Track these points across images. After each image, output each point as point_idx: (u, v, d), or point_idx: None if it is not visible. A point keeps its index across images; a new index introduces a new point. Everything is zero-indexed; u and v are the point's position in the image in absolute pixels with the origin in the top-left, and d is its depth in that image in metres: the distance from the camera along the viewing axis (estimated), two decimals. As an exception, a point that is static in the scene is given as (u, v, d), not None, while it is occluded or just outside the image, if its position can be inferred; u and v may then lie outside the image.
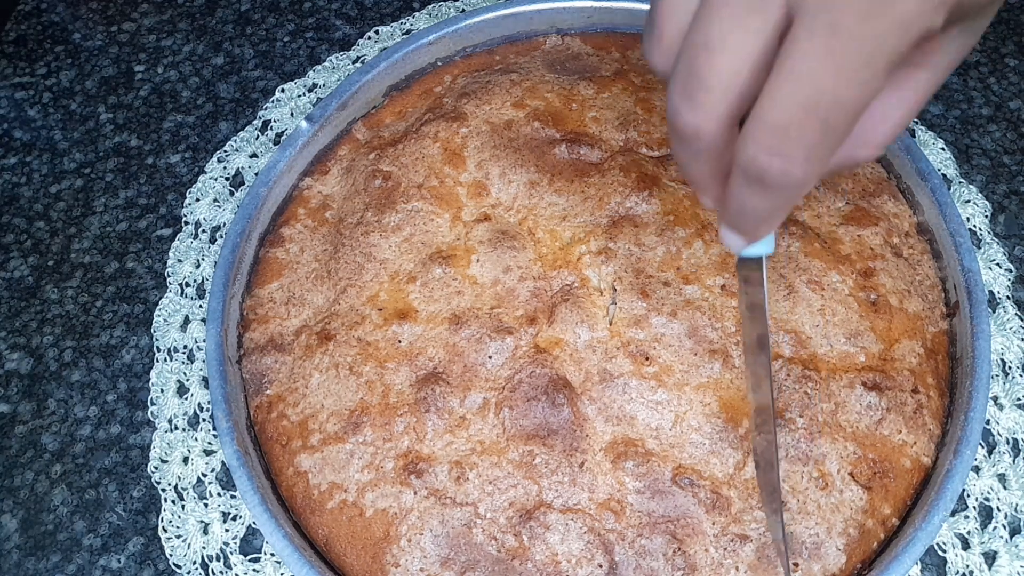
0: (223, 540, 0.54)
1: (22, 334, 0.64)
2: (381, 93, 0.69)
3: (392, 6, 0.80)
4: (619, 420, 0.51)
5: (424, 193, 0.60)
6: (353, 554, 0.50)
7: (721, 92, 0.30)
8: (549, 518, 0.49)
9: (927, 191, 0.59)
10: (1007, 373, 0.58)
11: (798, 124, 0.29)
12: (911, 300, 0.56)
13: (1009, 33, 0.75)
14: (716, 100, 0.30)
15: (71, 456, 0.59)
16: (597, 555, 0.48)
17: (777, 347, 0.53)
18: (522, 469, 0.50)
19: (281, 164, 0.63)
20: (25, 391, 0.61)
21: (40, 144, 0.73)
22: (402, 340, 0.55)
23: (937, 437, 0.53)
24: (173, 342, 0.62)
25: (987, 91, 0.72)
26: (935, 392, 0.54)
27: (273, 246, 0.62)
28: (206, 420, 0.58)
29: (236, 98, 0.75)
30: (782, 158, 0.30)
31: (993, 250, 0.63)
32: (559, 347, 0.53)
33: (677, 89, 0.31)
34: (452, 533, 0.49)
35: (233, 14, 0.80)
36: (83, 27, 0.80)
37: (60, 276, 0.66)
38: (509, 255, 0.56)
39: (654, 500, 0.49)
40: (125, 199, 0.69)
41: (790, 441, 0.50)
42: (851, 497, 0.50)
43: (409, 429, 0.52)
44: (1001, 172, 0.67)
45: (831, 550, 0.48)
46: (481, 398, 0.52)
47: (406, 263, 0.58)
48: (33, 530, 0.56)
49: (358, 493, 0.51)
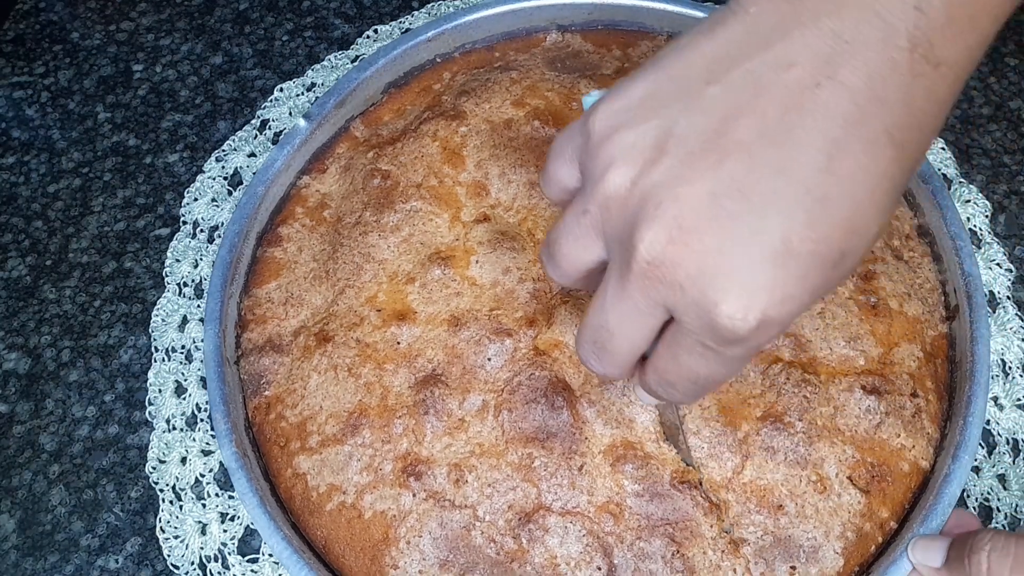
0: (221, 541, 0.54)
1: (20, 334, 0.64)
2: (380, 90, 0.69)
3: (391, 5, 0.79)
4: (618, 423, 0.51)
5: (423, 193, 0.60)
6: (352, 556, 0.50)
7: (621, 359, 0.38)
8: (548, 521, 0.49)
9: (928, 193, 0.59)
10: (1007, 373, 0.58)
11: (681, 385, 0.38)
12: (911, 303, 0.56)
13: (1009, 33, 0.75)
14: (619, 363, 0.38)
15: (69, 456, 0.59)
16: (596, 558, 0.48)
17: (777, 350, 0.53)
18: (521, 472, 0.50)
19: (279, 163, 0.63)
20: (23, 391, 0.61)
21: (38, 143, 0.73)
22: (401, 341, 0.55)
23: (935, 441, 0.53)
24: (171, 342, 0.61)
25: (987, 91, 0.72)
26: (934, 396, 0.53)
27: (271, 245, 0.62)
28: (204, 420, 0.58)
29: (234, 97, 0.75)
30: (673, 395, 0.39)
31: (993, 250, 0.63)
32: (558, 349, 0.53)
33: (586, 350, 0.39)
34: (451, 535, 0.49)
35: (231, 13, 0.80)
36: (81, 26, 0.80)
37: (58, 276, 0.66)
38: (508, 256, 0.56)
39: (653, 503, 0.49)
40: (123, 199, 0.69)
41: (789, 445, 0.50)
42: (849, 501, 0.50)
43: (408, 431, 0.52)
44: (1001, 172, 0.67)
45: (828, 553, 0.48)
46: (480, 400, 0.52)
47: (405, 264, 0.58)
48: (31, 530, 0.56)
49: (357, 495, 0.51)
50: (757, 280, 0.31)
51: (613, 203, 0.34)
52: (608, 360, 0.38)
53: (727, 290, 0.31)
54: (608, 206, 0.34)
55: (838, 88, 0.30)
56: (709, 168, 0.31)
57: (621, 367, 0.39)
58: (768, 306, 0.31)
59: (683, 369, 0.36)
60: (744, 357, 0.35)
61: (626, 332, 0.36)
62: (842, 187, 0.31)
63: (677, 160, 0.32)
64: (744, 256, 0.31)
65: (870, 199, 0.31)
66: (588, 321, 0.38)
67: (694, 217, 0.31)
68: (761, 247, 0.31)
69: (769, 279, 0.31)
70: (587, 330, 0.38)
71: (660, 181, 0.32)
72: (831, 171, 0.30)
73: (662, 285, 0.33)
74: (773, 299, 0.31)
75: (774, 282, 0.31)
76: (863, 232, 0.32)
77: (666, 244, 0.32)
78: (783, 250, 0.31)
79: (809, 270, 0.31)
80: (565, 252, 0.38)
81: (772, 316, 0.32)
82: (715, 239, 0.31)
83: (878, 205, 0.31)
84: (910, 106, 0.31)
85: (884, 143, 0.31)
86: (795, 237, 0.31)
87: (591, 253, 0.37)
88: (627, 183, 0.33)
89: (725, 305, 0.31)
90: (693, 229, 0.31)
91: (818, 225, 0.31)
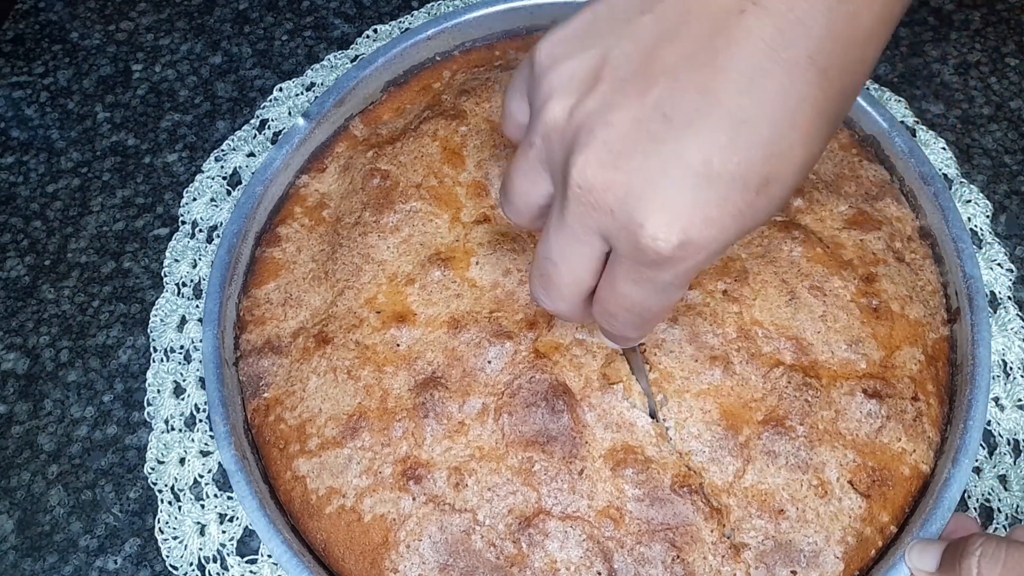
0: (220, 541, 0.54)
1: (18, 334, 0.63)
2: (379, 89, 0.68)
3: (391, 4, 0.79)
4: (619, 427, 0.51)
5: (423, 193, 0.60)
6: (351, 560, 0.50)
7: (567, 291, 0.39)
8: (548, 525, 0.49)
9: (929, 195, 0.59)
10: (1008, 374, 0.58)
11: (622, 317, 0.38)
12: (912, 306, 0.55)
13: (1009, 33, 0.75)
14: (564, 295, 0.39)
15: (67, 457, 0.59)
16: (596, 562, 0.48)
17: (778, 354, 0.53)
18: (521, 476, 0.50)
19: (278, 162, 0.62)
20: (21, 391, 0.61)
21: (37, 143, 0.72)
22: (400, 344, 0.54)
23: (936, 445, 0.53)
24: (170, 342, 0.61)
25: (988, 91, 0.72)
26: (935, 399, 0.53)
27: (270, 246, 0.61)
28: (203, 421, 0.58)
29: (234, 97, 0.74)
30: (619, 329, 0.40)
31: (994, 250, 0.63)
32: (559, 352, 0.53)
33: (535, 284, 0.40)
34: (451, 539, 0.49)
35: (231, 13, 0.80)
36: (81, 26, 0.79)
37: (57, 276, 0.66)
38: (509, 257, 0.56)
39: (653, 507, 0.49)
40: (122, 198, 0.69)
41: (790, 449, 0.50)
42: (850, 505, 0.49)
43: (407, 434, 0.52)
44: (1002, 172, 0.67)
45: (829, 558, 0.48)
46: (480, 403, 0.52)
47: (404, 265, 0.57)
48: (29, 531, 0.56)
49: (356, 498, 0.51)
50: (678, 200, 0.32)
51: (553, 133, 0.35)
52: (555, 293, 0.39)
53: (650, 211, 0.32)
54: (549, 136, 0.35)
55: (761, 13, 0.31)
56: (638, 94, 0.32)
57: (567, 301, 0.39)
58: (688, 226, 0.32)
59: (620, 298, 0.37)
60: (674, 285, 0.35)
61: (568, 262, 0.37)
62: (763, 109, 0.31)
63: (610, 87, 0.33)
64: (666, 178, 0.32)
65: (791, 123, 0.32)
66: (536, 254, 0.39)
67: (621, 141, 0.32)
68: (682, 168, 0.32)
69: (690, 200, 0.32)
70: (535, 264, 0.39)
71: (594, 109, 0.33)
72: (752, 94, 0.31)
73: (595, 211, 0.34)
74: (693, 219, 0.32)
75: (695, 203, 0.32)
76: (786, 157, 0.32)
77: (596, 168, 0.33)
78: (704, 171, 0.31)
79: (731, 192, 0.32)
80: (516, 188, 0.39)
81: (693, 237, 0.32)
82: (640, 162, 0.32)
83: (800, 130, 0.32)
84: (833, 32, 0.32)
85: (806, 67, 0.31)
86: (716, 158, 0.31)
87: (540, 187, 0.38)
88: (565, 113, 0.34)
89: (648, 225, 0.32)
90: (620, 153, 0.32)
91: (739, 147, 0.31)
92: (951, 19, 0.76)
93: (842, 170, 0.61)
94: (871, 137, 0.63)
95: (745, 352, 0.52)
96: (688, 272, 0.34)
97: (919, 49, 0.74)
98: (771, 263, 0.55)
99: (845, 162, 0.62)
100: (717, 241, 0.33)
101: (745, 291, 0.54)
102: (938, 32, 0.75)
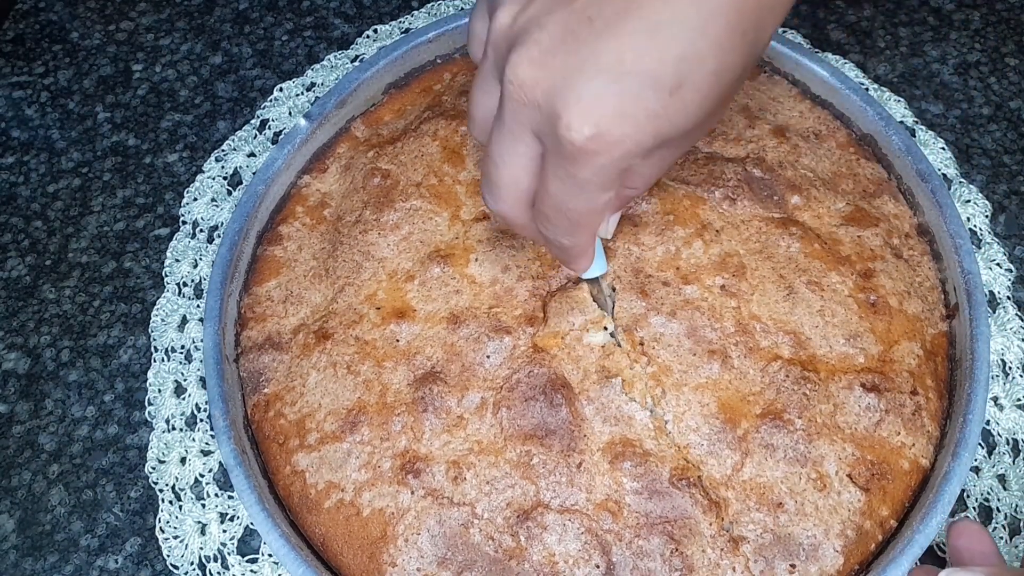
0: (221, 541, 0.54)
1: (19, 334, 0.64)
2: (380, 91, 0.69)
3: (391, 5, 0.79)
4: (617, 420, 0.51)
5: (423, 191, 0.60)
6: (350, 554, 0.50)
7: (508, 191, 0.41)
8: (546, 518, 0.49)
9: (927, 192, 0.59)
10: (1007, 373, 0.58)
11: (554, 219, 0.41)
12: (911, 301, 0.56)
13: (1009, 32, 0.75)
14: (506, 196, 0.41)
15: (68, 456, 0.59)
16: (594, 555, 0.48)
17: (776, 348, 0.53)
18: (520, 469, 0.50)
19: (279, 162, 0.63)
20: (22, 391, 0.61)
21: (38, 143, 0.73)
22: (400, 339, 0.55)
23: (936, 439, 0.52)
24: (170, 342, 0.61)
25: (987, 90, 0.72)
26: (934, 394, 0.53)
27: (271, 244, 0.62)
28: (203, 420, 0.58)
29: (234, 97, 0.75)
30: (553, 233, 0.42)
31: (993, 250, 0.63)
32: (558, 346, 0.53)
33: (483, 184, 0.42)
34: (449, 533, 0.49)
35: (231, 13, 0.80)
36: (81, 26, 0.80)
37: (57, 276, 0.66)
38: (508, 254, 0.56)
39: (652, 501, 0.49)
40: (123, 198, 0.69)
41: (788, 442, 0.50)
42: (849, 499, 0.49)
43: (406, 428, 0.52)
44: (1001, 172, 0.67)
45: (828, 552, 0.48)
46: (479, 398, 0.52)
47: (404, 262, 0.58)
48: (30, 530, 0.56)
49: (355, 492, 0.51)
50: (593, 94, 0.34)
51: (500, 40, 0.38)
52: (497, 193, 0.41)
53: (568, 103, 0.35)
54: (498, 44, 0.38)
55: None
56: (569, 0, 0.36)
57: (508, 202, 0.41)
58: (600, 119, 0.35)
59: (550, 197, 0.39)
60: (594, 183, 0.37)
61: (506, 161, 0.39)
62: (675, 14, 0.34)
63: None
64: (582, 74, 0.34)
65: (702, 30, 0.34)
66: (483, 157, 0.41)
67: (550, 41, 0.35)
68: (599, 66, 0.34)
69: (603, 93, 0.34)
70: (482, 166, 0.42)
71: (532, 14, 0.36)
72: (669, 3, 0.34)
73: (525, 107, 0.36)
74: (605, 112, 0.35)
75: (607, 96, 0.34)
76: (696, 62, 0.35)
77: (527, 66, 0.36)
78: (618, 68, 0.34)
79: (643, 89, 0.34)
80: (476, 101, 0.42)
81: (606, 129, 0.35)
82: (563, 59, 0.35)
83: (710, 38, 0.34)
84: None
85: None
86: (629, 56, 0.34)
87: (493, 97, 0.40)
88: (509, 20, 0.37)
89: (564, 116, 0.35)
90: (548, 51, 0.35)
91: (652, 48, 0.34)
92: (951, 19, 0.76)
93: (839, 168, 0.62)
94: (868, 135, 0.63)
95: (743, 346, 0.52)
96: (605, 169, 0.36)
97: (919, 49, 0.74)
98: (769, 258, 0.55)
99: (842, 160, 0.62)
100: (631, 138, 0.35)
101: (743, 286, 0.54)
102: (938, 32, 0.75)
